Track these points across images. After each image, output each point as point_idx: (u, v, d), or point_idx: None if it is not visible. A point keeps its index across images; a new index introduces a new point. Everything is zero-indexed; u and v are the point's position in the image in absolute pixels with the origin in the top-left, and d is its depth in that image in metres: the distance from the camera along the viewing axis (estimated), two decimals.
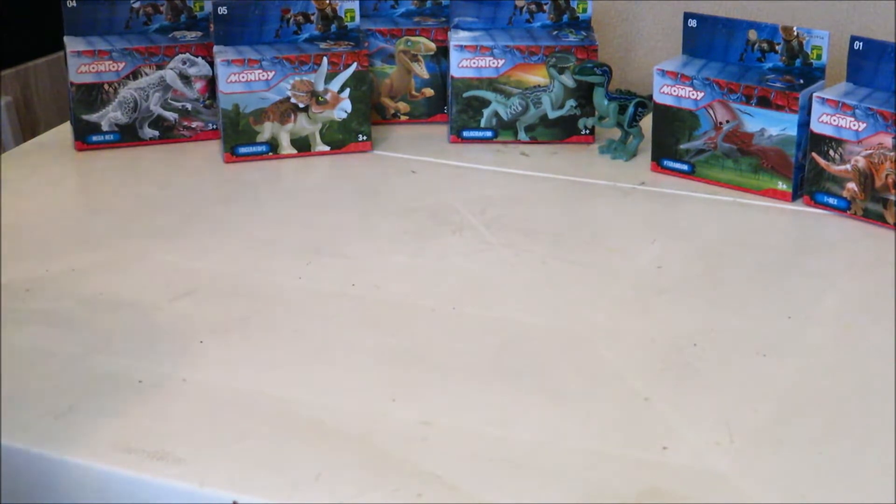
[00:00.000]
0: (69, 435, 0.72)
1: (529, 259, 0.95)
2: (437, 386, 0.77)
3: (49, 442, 0.72)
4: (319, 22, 1.15)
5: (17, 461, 0.72)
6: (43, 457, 0.71)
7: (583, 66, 1.12)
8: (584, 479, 0.68)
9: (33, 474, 0.72)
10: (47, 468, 0.71)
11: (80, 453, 0.71)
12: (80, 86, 1.14)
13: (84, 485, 0.70)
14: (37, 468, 0.72)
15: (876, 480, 0.68)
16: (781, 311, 0.86)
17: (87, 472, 0.70)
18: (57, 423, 0.73)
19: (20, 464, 0.72)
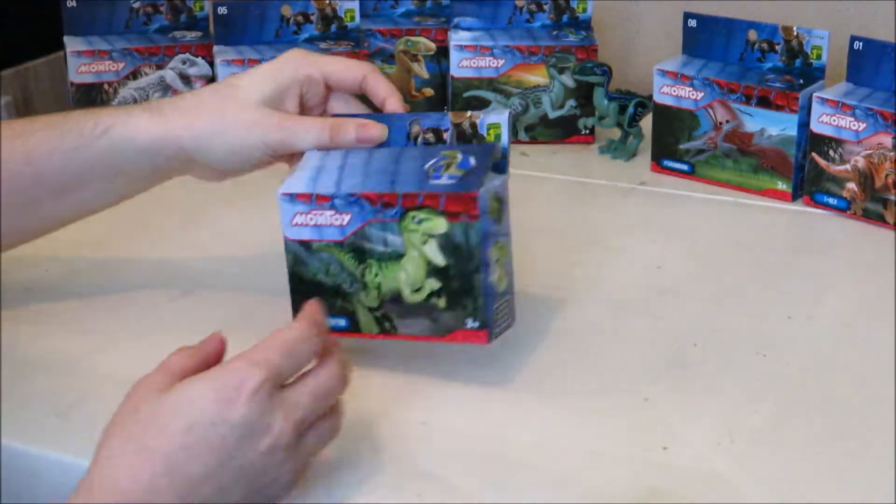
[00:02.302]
0: (69, 435, 0.72)
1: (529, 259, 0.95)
2: (436, 386, 0.77)
3: (49, 442, 0.72)
4: (319, 22, 1.15)
5: (17, 461, 0.72)
6: (43, 457, 0.71)
7: (583, 66, 1.12)
8: (584, 479, 0.68)
9: (33, 474, 0.72)
10: (47, 468, 0.71)
11: (80, 453, 0.70)
12: (80, 86, 1.14)
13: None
14: (37, 468, 0.72)
15: (876, 480, 0.68)
16: (781, 311, 0.86)
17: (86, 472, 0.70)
18: (57, 423, 0.73)
19: (20, 464, 0.72)
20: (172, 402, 0.61)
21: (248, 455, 0.61)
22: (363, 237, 0.74)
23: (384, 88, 0.83)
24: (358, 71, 0.83)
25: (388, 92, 0.83)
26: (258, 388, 0.61)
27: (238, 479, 0.61)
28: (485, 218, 0.72)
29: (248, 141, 0.80)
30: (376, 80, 0.83)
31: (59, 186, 0.81)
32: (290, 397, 0.63)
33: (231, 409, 0.60)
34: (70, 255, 0.95)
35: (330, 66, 0.83)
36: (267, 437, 0.61)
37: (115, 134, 0.79)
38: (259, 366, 0.62)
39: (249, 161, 0.81)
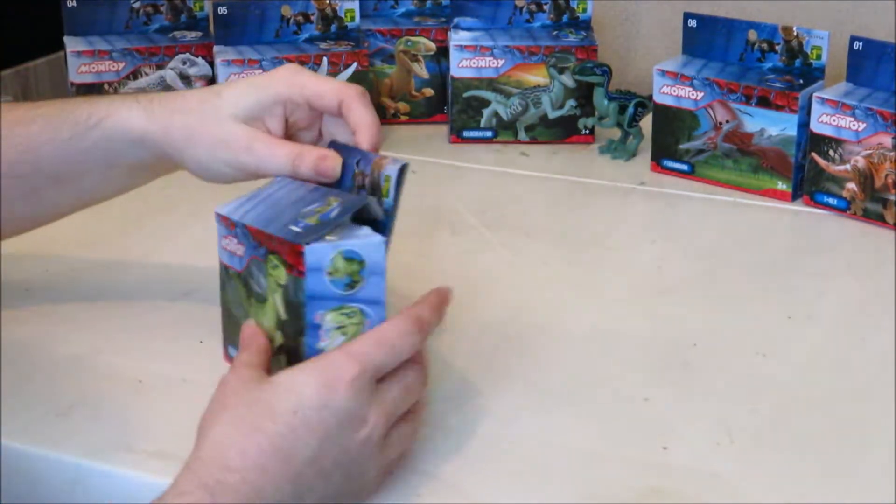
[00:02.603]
0: (69, 435, 0.72)
1: (529, 259, 0.95)
2: (437, 386, 0.77)
3: (49, 442, 0.72)
4: (319, 22, 1.15)
5: (17, 461, 0.72)
6: (43, 457, 0.71)
7: (583, 66, 1.12)
8: (584, 479, 0.68)
9: (33, 474, 0.72)
10: (47, 468, 0.71)
11: (80, 453, 0.71)
12: (80, 86, 1.14)
13: (84, 485, 0.70)
14: (37, 468, 0.72)
15: (876, 480, 0.68)
16: (781, 311, 0.86)
17: (87, 472, 0.70)
18: (57, 423, 0.73)
19: (20, 464, 0.72)
20: (277, 388, 0.63)
21: (347, 443, 0.63)
22: (248, 273, 0.71)
23: (358, 118, 0.75)
24: (334, 96, 0.76)
25: (361, 123, 0.75)
26: (356, 378, 0.63)
27: (337, 465, 0.62)
28: (317, 277, 0.66)
29: (215, 159, 0.77)
30: (352, 108, 0.76)
31: (58, 175, 0.80)
32: (384, 392, 0.65)
33: (333, 397, 0.62)
34: (70, 255, 0.95)
35: (309, 89, 0.77)
36: (364, 427, 0.63)
37: (107, 125, 0.78)
38: (357, 358, 0.63)
39: (220, 177, 0.79)
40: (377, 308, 0.67)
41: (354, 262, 0.66)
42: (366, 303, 0.67)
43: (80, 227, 0.90)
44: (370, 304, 0.67)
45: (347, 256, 0.66)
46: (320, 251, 0.66)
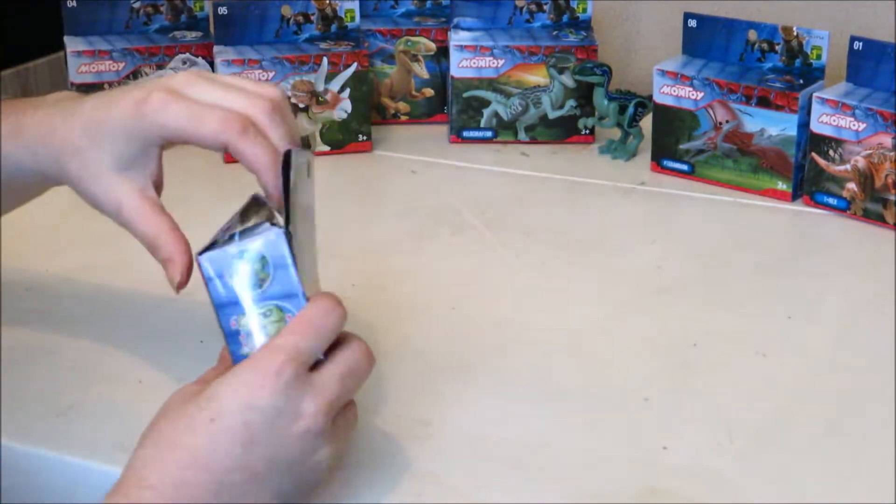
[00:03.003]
0: (69, 435, 0.72)
1: (529, 259, 0.95)
2: (437, 386, 0.77)
3: (49, 442, 0.72)
4: (319, 22, 1.15)
5: (17, 461, 0.72)
6: (43, 457, 0.71)
7: (583, 66, 1.12)
8: (584, 479, 0.68)
9: (33, 474, 0.72)
10: (47, 468, 0.71)
11: (80, 453, 0.71)
12: (80, 86, 1.14)
13: (84, 485, 0.70)
14: (37, 468, 0.72)
15: (876, 480, 0.68)
16: (781, 311, 0.86)
17: (87, 472, 0.70)
18: (57, 423, 0.73)
19: (20, 464, 0.72)
20: (199, 400, 0.61)
21: (281, 441, 0.60)
22: None
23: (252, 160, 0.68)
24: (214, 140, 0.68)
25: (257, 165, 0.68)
26: (281, 371, 0.60)
27: (273, 465, 0.60)
28: (222, 283, 0.64)
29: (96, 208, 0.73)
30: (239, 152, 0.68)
31: None
32: (319, 379, 0.62)
33: (256, 396, 0.60)
34: (70, 255, 0.95)
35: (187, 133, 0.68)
36: (300, 420, 0.61)
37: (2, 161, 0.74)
38: (281, 350, 0.61)
39: None
40: (294, 300, 0.64)
41: (257, 261, 0.64)
42: (280, 298, 0.64)
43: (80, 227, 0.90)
44: (285, 298, 0.64)
45: (246, 257, 0.64)
46: (217, 258, 0.64)
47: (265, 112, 0.69)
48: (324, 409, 0.61)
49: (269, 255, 0.64)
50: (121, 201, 0.71)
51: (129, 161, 0.71)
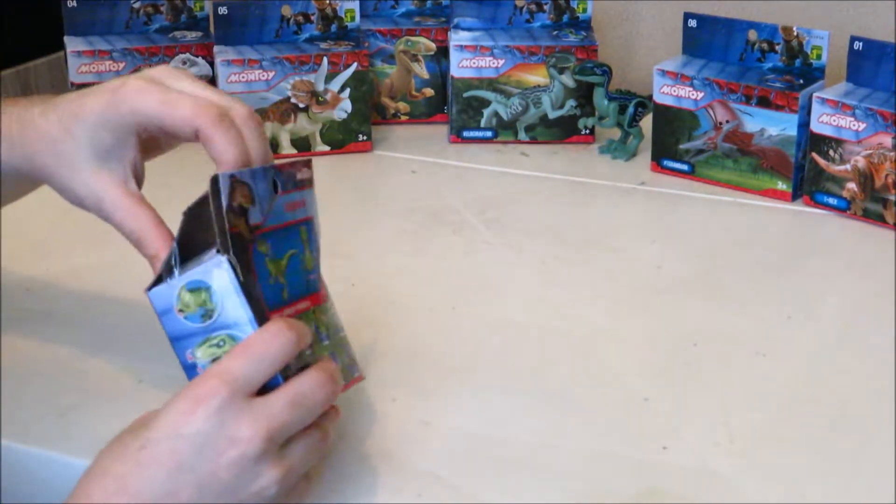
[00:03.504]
0: (69, 435, 0.72)
1: (529, 259, 0.95)
2: (437, 386, 0.77)
3: (49, 442, 0.72)
4: (319, 22, 1.15)
5: (17, 461, 0.72)
6: (43, 457, 0.71)
7: (583, 66, 1.12)
8: (584, 479, 0.68)
9: (33, 474, 0.72)
10: (47, 468, 0.71)
11: (80, 453, 0.71)
12: (80, 86, 1.14)
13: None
14: (37, 468, 0.72)
15: (876, 480, 0.68)
16: (781, 311, 0.86)
17: None
18: (57, 423, 0.73)
19: (20, 464, 0.72)
20: (135, 427, 0.60)
21: (210, 468, 0.58)
22: None
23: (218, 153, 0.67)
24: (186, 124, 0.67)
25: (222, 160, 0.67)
26: (212, 396, 0.58)
27: (202, 493, 0.59)
28: (170, 318, 0.64)
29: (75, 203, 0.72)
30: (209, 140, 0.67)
31: None
32: (261, 406, 0.60)
33: (185, 421, 0.58)
34: (70, 255, 0.95)
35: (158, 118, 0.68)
36: (231, 448, 0.59)
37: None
38: (217, 375, 0.59)
39: None
40: (245, 328, 0.63)
41: (201, 292, 0.63)
42: (230, 327, 0.63)
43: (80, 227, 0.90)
44: (235, 327, 0.63)
45: (191, 288, 0.63)
46: (163, 293, 0.64)
47: (241, 116, 0.69)
48: (262, 434, 0.59)
49: (214, 284, 0.63)
50: (102, 195, 0.70)
51: (107, 151, 0.70)
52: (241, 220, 0.63)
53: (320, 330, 0.69)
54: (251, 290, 0.63)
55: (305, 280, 0.69)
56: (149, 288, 0.64)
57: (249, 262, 0.63)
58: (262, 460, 0.59)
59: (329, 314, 0.71)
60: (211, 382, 0.59)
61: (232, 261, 0.62)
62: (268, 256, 0.65)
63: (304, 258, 0.69)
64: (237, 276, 0.62)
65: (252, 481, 0.59)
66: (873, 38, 1.02)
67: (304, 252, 0.69)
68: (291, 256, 0.68)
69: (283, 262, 0.67)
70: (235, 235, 0.63)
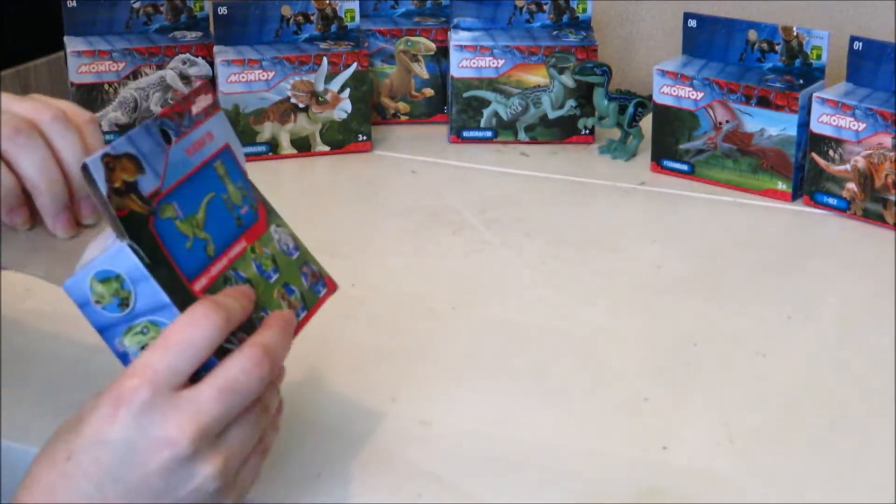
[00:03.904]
0: None
1: (529, 259, 0.95)
2: (437, 386, 0.77)
3: None
4: (319, 22, 1.15)
5: (17, 461, 0.72)
6: None
7: (583, 66, 1.12)
8: (584, 479, 0.68)
9: None
10: None
11: None
12: (80, 86, 1.14)
13: None
14: None
15: (876, 480, 0.68)
16: (781, 311, 0.86)
17: None
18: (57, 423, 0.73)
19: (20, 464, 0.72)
20: (64, 430, 0.57)
21: (137, 474, 0.55)
22: None
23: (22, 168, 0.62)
24: None
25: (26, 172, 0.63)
26: (133, 397, 0.55)
27: (133, 501, 0.56)
28: (91, 310, 0.60)
29: None
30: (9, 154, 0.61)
31: None
32: (188, 400, 0.56)
33: (107, 428, 0.55)
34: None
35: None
36: (161, 450, 0.55)
37: None
38: (135, 374, 0.56)
39: None
40: (165, 312, 0.59)
41: (112, 281, 0.59)
42: (150, 313, 0.60)
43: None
44: (155, 311, 0.60)
45: (101, 278, 0.59)
46: (77, 285, 0.60)
47: (52, 117, 0.63)
48: (193, 432, 0.55)
49: (123, 271, 0.59)
50: None
51: None
52: (130, 197, 0.59)
53: (265, 267, 0.65)
54: (163, 268, 0.59)
55: (235, 219, 0.65)
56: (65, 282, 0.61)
57: (154, 238, 0.59)
58: (195, 458, 0.56)
59: (274, 241, 0.67)
60: (131, 382, 0.55)
61: (132, 245, 0.59)
62: (178, 219, 0.61)
63: (228, 196, 0.65)
64: (142, 260, 0.59)
65: (187, 481, 0.56)
66: (873, 38, 1.02)
67: (225, 190, 0.65)
68: (210, 202, 0.63)
69: (200, 214, 0.62)
70: (128, 216, 0.59)
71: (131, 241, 0.59)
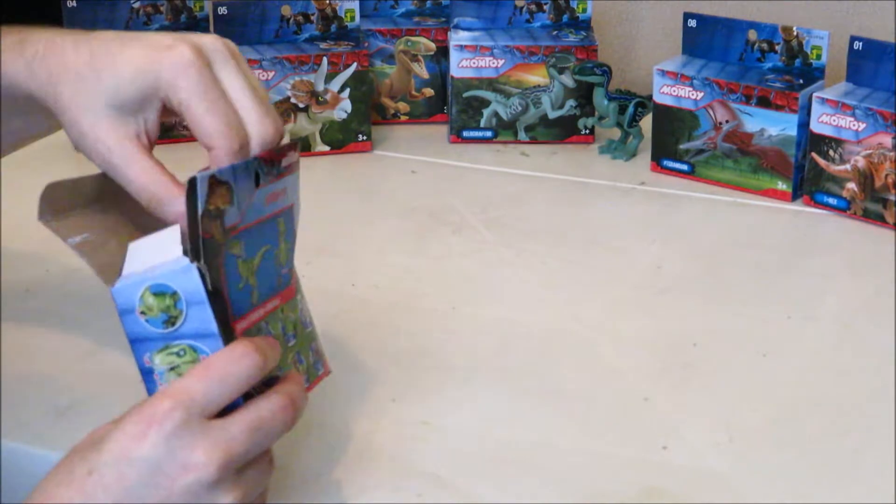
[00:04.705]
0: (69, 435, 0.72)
1: (529, 259, 0.95)
2: (437, 386, 0.77)
3: (49, 442, 0.72)
4: (319, 22, 1.15)
5: (17, 461, 0.72)
6: (43, 457, 0.71)
7: (583, 66, 1.12)
8: (584, 479, 0.68)
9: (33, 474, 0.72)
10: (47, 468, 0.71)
11: None
12: None
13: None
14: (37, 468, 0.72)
15: (876, 480, 0.68)
16: (781, 311, 0.86)
17: None
18: (57, 423, 0.73)
19: (20, 464, 0.72)
20: (83, 447, 0.58)
21: (161, 493, 0.55)
22: None
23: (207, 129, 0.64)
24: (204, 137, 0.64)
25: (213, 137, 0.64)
26: (166, 419, 0.56)
27: None
28: (131, 318, 0.60)
29: (81, 147, 0.66)
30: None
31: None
32: (218, 429, 0.57)
33: (135, 446, 0.55)
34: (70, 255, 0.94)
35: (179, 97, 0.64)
36: (186, 473, 0.56)
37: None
38: (171, 396, 0.56)
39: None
40: (209, 341, 0.59)
41: (166, 296, 0.59)
42: (193, 337, 0.60)
43: None
44: (199, 338, 0.59)
45: (156, 291, 0.59)
46: (126, 291, 0.60)
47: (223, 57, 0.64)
48: (219, 460, 0.56)
49: (182, 290, 0.59)
50: (112, 145, 0.65)
51: (129, 105, 0.65)
52: (216, 224, 0.60)
53: (287, 329, 0.66)
54: (219, 299, 0.60)
55: (277, 276, 0.66)
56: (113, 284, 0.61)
57: (220, 268, 0.60)
58: (218, 486, 0.56)
59: (298, 309, 0.68)
60: (166, 403, 0.56)
61: (202, 269, 0.59)
62: (240, 258, 0.62)
63: (279, 252, 0.66)
64: (205, 286, 0.59)
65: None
66: (873, 38, 1.02)
67: (278, 246, 0.66)
68: (265, 253, 0.64)
69: (256, 261, 0.63)
70: (208, 240, 0.59)
71: (202, 264, 0.59)
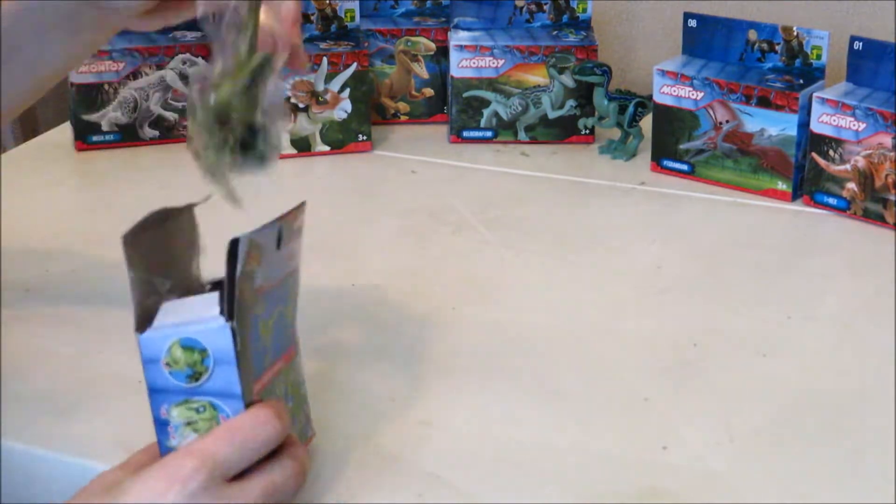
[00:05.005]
0: (69, 435, 0.72)
1: (529, 259, 0.95)
2: (436, 386, 0.77)
3: (49, 442, 0.72)
4: (319, 22, 1.15)
5: (17, 461, 0.72)
6: (43, 457, 0.71)
7: (583, 66, 1.12)
8: (584, 479, 0.68)
9: (33, 474, 0.72)
10: (47, 468, 0.71)
11: (80, 453, 0.71)
12: (80, 86, 1.14)
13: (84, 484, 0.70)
14: (37, 468, 0.72)
15: (876, 480, 0.68)
16: (781, 311, 0.86)
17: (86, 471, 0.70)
18: (57, 423, 0.73)
19: (20, 464, 0.72)
20: (95, 492, 0.58)
21: None
22: None
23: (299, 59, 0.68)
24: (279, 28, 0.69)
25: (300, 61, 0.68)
26: (189, 479, 0.56)
27: None
28: (155, 368, 0.59)
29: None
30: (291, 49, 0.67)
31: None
32: (237, 493, 0.57)
33: (156, 502, 0.56)
34: (70, 255, 0.95)
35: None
36: None
37: None
38: (195, 455, 0.57)
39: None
40: (231, 401, 0.59)
41: (195, 352, 0.59)
42: (215, 395, 0.59)
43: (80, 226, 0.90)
44: (221, 397, 0.59)
45: (186, 345, 0.59)
46: (155, 340, 0.59)
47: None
48: None
49: (211, 348, 0.59)
50: None
51: None
52: (248, 285, 0.59)
53: (288, 391, 0.66)
54: (244, 360, 0.60)
55: (285, 336, 0.65)
56: (140, 329, 0.60)
57: (247, 328, 0.60)
58: None
59: (296, 370, 0.68)
60: (190, 463, 0.56)
61: (234, 328, 0.58)
62: (261, 319, 0.61)
63: (288, 312, 0.65)
64: (236, 346, 0.59)
65: None
66: (873, 38, 1.02)
67: (288, 306, 0.65)
68: (278, 314, 0.64)
69: (271, 321, 0.63)
70: (240, 301, 0.59)
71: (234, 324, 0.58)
